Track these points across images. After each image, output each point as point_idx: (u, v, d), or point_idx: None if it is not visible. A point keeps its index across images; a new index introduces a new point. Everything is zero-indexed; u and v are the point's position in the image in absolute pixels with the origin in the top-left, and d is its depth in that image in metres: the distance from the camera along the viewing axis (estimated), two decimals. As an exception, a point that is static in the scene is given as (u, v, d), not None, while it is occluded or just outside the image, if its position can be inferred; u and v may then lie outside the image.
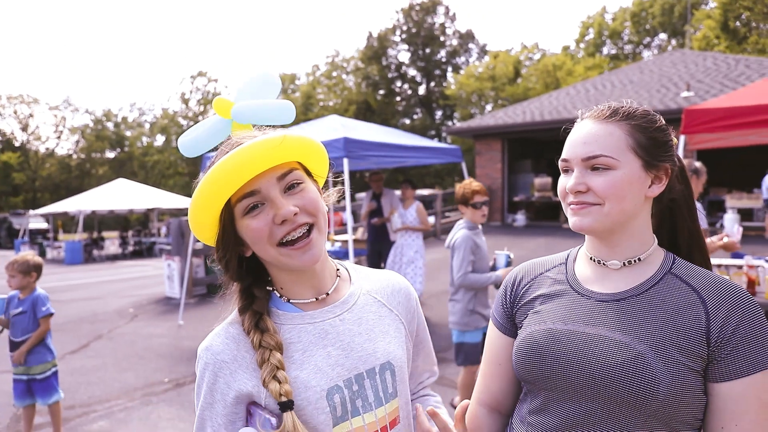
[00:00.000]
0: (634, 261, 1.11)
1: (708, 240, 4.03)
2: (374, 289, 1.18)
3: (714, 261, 4.16)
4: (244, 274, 1.07)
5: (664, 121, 1.13)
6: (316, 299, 1.08)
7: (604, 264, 1.13)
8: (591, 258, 1.16)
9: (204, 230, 1.03)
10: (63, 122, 42.92)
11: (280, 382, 0.95)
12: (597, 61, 33.21)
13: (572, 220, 1.10)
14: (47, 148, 42.81)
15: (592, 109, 1.15)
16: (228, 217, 1.00)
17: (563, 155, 1.13)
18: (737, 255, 4.62)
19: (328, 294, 1.09)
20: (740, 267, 4.19)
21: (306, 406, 0.98)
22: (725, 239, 3.90)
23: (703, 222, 4.11)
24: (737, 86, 13.28)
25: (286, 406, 0.94)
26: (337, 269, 1.16)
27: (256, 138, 0.97)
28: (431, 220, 14.23)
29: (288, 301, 1.07)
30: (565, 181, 1.13)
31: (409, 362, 1.19)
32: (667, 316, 1.02)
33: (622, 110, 1.12)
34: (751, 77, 13.88)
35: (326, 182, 1.22)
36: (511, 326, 1.24)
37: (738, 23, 25.79)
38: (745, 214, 12.76)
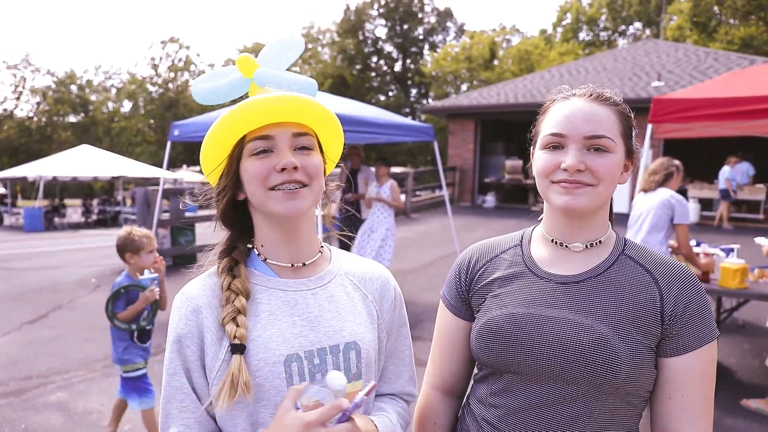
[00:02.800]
0: (596, 243, 1.13)
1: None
2: (352, 272, 1.18)
3: (671, 242, 4.30)
4: (233, 221, 1.12)
5: None
6: (292, 265, 1.10)
7: (566, 246, 1.13)
8: (552, 240, 1.15)
9: (210, 160, 1.07)
10: (23, 83, 41.00)
11: (237, 325, 0.98)
12: (570, 47, 33.46)
13: (563, 199, 1.06)
14: (5, 110, 40.82)
15: (581, 89, 1.13)
16: (237, 153, 1.05)
17: (557, 129, 1.07)
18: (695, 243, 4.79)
19: (304, 264, 1.11)
20: (696, 255, 4.35)
21: (262, 367, 0.99)
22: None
23: (690, 217, 4.28)
24: (705, 78, 13.60)
25: (237, 348, 0.97)
26: (321, 246, 1.18)
27: (286, 92, 1.03)
28: (402, 198, 14.25)
29: (265, 260, 1.10)
30: (552, 158, 1.07)
31: (380, 352, 1.17)
32: (624, 296, 1.06)
33: (609, 95, 1.11)
34: (719, 70, 14.23)
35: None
36: (465, 309, 1.22)
37: (705, 18, 26.28)
38: (706, 204, 13.22)
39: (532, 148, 1.18)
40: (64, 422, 3.67)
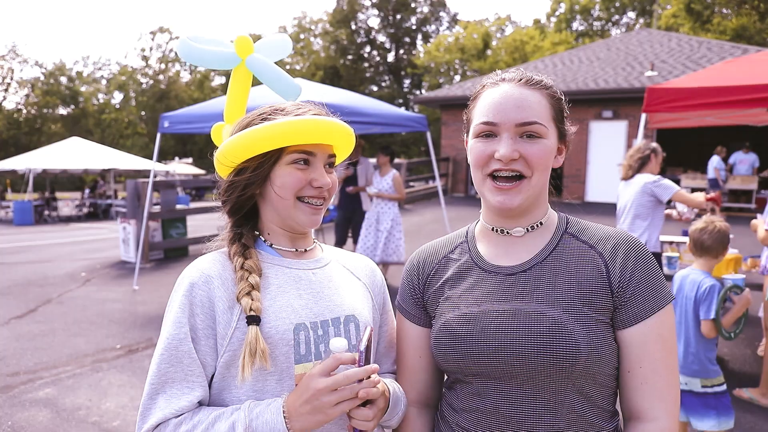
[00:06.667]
0: (537, 226, 1.11)
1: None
2: (343, 260, 1.29)
3: (663, 238, 4.27)
4: (241, 210, 1.18)
5: None
6: (296, 250, 1.20)
7: (507, 233, 1.12)
8: (492, 228, 1.13)
9: (240, 153, 1.11)
10: (11, 74, 40.45)
11: (252, 299, 1.05)
12: (564, 37, 33.38)
13: (498, 199, 1.05)
14: (-6, 102, 40.38)
15: (508, 73, 1.11)
16: (274, 157, 1.11)
17: (488, 118, 1.05)
18: (686, 232, 4.77)
19: (306, 250, 1.22)
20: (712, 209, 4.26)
21: (273, 334, 1.05)
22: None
23: (675, 187, 4.09)
24: (698, 68, 13.59)
25: (253, 319, 1.03)
26: (314, 239, 1.29)
27: (335, 118, 1.15)
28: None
29: (270, 245, 1.18)
30: (485, 147, 1.05)
31: (376, 329, 1.24)
32: (571, 276, 1.04)
33: (538, 79, 1.09)
34: (712, 60, 14.22)
35: None
36: (424, 316, 1.19)
37: (701, 6, 26.25)
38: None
39: (465, 136, 1.16)
40: (52, 419, 3.62)
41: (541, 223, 1.11)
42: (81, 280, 7.80)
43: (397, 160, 19.82)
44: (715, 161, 12.28)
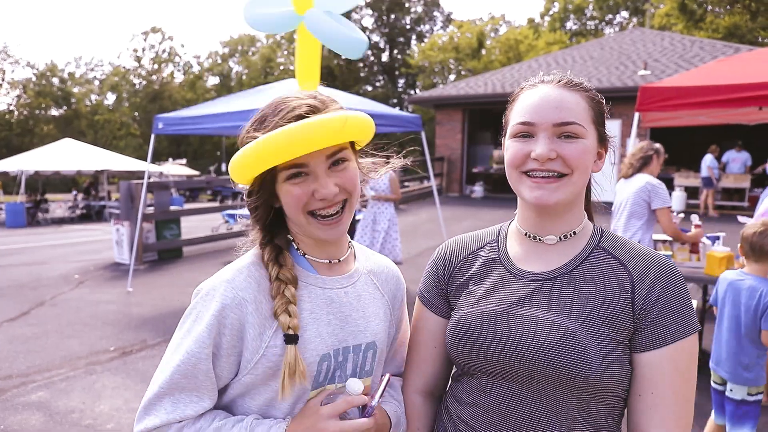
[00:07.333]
0: (570, 235, 1.09)
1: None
2: (373, 271, 1.23)
3: (656, 237, 4.27)
4: (271, 219, 1.10)
5: None
6: (329, 262, 1.13)
7: (540, 240, 1.10)
8: (526, 234, 1.12)
9: (240, 179, 1.05)
10: (2, 75, 40.17)
11: (290, 316, 1.00)
12: (558, 36, 33.49)
13: (536, 194, 1.02)
14: (-15, 103, 40.10)
15: (549, 76, 1.10)
16: (270, 177, 1.03)
17: (525, 118, 1.03)
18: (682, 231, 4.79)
19: (339, 261, 1.14)
20: (683, 243, 4.33)
21: None
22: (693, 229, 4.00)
23: (675, 204, 4.14)
24: (691, 67, 13.66)
25: (292, 339, 0.99)
26: (349, 242, 1.21)
27: (317, 117, 0.98)
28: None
29: (304, 255, 1.11)
30: (522, 147, 1.04)
31: (388, 346, 1.24)
32: (595, 290, 1.02)
33: (577, 81, 1.08)
34: (704, 59, 14.29)
35: None
36: (445, 307, 1.19)
37: (694, 4, 26.40)
38: (692, 192, 13.32)
39: (502, 138, 1.14)
40: (45, 422, 3.59)
41: (574, 233, 1.09)
42: (74, 282, 7.75)
43: (391, 160, 19.82)
44: (708, 160, 12.36)
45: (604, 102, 1.10)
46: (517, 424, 1.01)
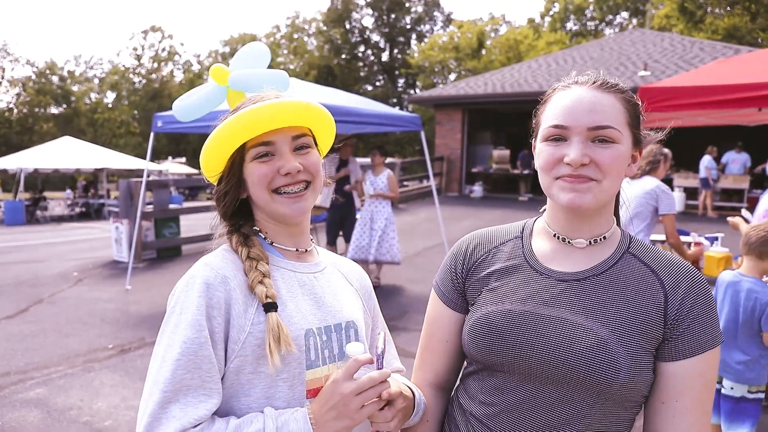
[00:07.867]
0: (600, 239, 1.07)
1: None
2: (337, 263, 1.29)
3: (654, 237, 4.27)
4: (236, 212, 1.16)
5: None
6: (297, 250, 1.17)
7: (568, 242, 1.08)
8: (554, 234, 1.09)
9: (211, 165, 1.12)
10: (2, 73, 40.12)
11: (266, 287, 1.03)
12: (558, 37, 33.51)
13: (568, 197, 0.99)
14: (-16, 101, 40.04)
15: (583, 76, 1.06)
16: (238, 157, 1.09)
17: (558, 121, 1.00)
18: (682, 232, 4.80)
19: (307, 251, 1.19)
20: (687, 244, 4.33)
21: None
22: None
23: (677, 206, 4.16)
24: (691, 67, 13.66)
25: (271, 306, 1.02)
26: (312, 239, 1.26)
27: (284, 97, 1.09)
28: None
29: (271, 243, 1.15)
30: (554, 151, 1.01)
31: (368, 332, 1.26)
32: (627, 297, 1.00)
33: (613, 82, 1.04)
34: (704, 60, 14.29)
35: None
36: (461, 301, 1.17)
37: (694, 6, 26.43)
38: (691, 193, 13.34)
39: (533, 140, 1.11)
40: (43, 419, 3.59)
41: (604, 237, 1.07)
42: (73, 280, 7.75)
43: (391, 160, 19.85)
44: (706, 161, 12.38)
45: (639, 103, 1.07)
46: (533, 424, 1.00)
